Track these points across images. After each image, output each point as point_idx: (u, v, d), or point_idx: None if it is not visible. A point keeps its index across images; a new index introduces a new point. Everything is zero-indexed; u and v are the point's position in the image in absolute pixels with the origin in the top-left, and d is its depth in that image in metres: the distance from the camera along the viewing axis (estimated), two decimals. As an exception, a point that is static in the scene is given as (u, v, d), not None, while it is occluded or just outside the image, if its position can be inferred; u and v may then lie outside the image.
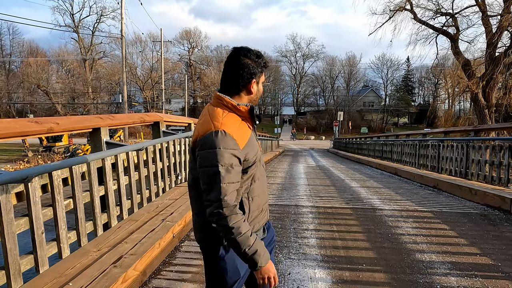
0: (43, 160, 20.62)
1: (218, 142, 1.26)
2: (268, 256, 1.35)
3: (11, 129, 2.25)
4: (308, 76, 67.33)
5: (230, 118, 1.34)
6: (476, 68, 16.80)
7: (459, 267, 2.82)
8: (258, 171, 1.43)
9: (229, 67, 1.38)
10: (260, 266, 1.32)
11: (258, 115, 1.48)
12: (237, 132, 1.31)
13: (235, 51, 1.39)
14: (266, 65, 1.44)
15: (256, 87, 1.42)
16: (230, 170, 1.27)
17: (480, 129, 7.43)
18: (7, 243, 2.03)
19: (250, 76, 1.38)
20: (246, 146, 1.33)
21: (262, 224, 1.49)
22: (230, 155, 1.27)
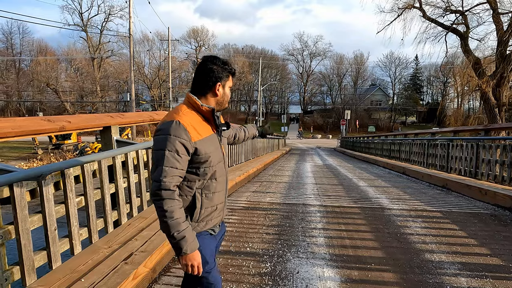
0: (56, 158, 20.90)
1: (171, 130, 1.40)
2: (196, 246, 1.45)
3: (25, 128, 2.29)
4: (315, 75, 67.06)
5: (190, 114, 1.48)
6: (486, 66, 16.55)
7: (469, 267, 2.80)
8: (218, 173, 1.56)
9: (198, 72, 1.55)
10: (185, 253, 1.42)
11: (227, 122, 1.67)
12: (193, 127, 1.44)
13: (203, 58, 1.57)
14: (231, 71, 1.58)
15: (222, 90, 1.55)
16: (175, 156, 1.39)
17: (491, 128, 7.32)
18: (22, 239, 2.08)
19: (215, 80, 1.53)
20: (199, 142, 1.45)
21: (217, 222, 1.63)
22: (179, 143, 1.39)
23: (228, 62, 1.57)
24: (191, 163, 1.46)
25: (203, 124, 1.50)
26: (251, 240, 3.40)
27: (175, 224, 1.38)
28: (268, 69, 63.34)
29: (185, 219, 1.43)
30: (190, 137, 1.41)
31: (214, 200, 1.56)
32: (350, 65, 63.55)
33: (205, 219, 1.55)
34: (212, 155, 1.50)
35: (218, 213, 1.61)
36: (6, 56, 53.03)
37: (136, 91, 40.51)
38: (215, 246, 1.66)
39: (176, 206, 1.40)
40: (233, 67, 1.59)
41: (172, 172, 1.40)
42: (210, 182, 1.53)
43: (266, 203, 5.06)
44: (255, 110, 56.33)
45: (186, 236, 1.40)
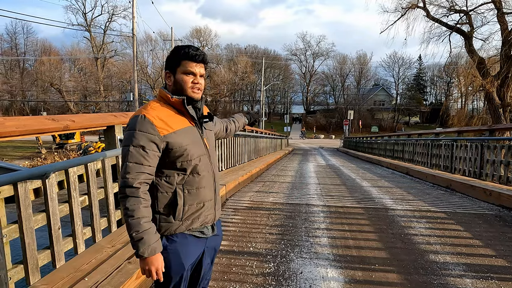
0: (60, 157, 20.99)
1: (136, 125, 1.35)
2: (156, 250, 1.34)
3: (29, 126, 2.29)
4: (318, 75, 66.96)
5: (159, 108, 1.42)
6: (490, 66, 16.45)
7: (474, 268, 2.78)
8: (201, 167, 1.46)
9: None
10: (141, 255, 1.32)
11: (209, 114, 1.56)
12: (161, 120, 1.37)
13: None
14: (180, 56, 1.44)
15: (173, 78, 1.46)
16: (140, 151, 1.33)
17: (495, 129, 7.27)
18: (26, 238, 2.08)
19: (166, 69, 1.49)
20: (171, 135, 1.37)
21: (206, 221, 1.50)
22: (144, 138, 1.34)
23: (183, 46, 1.46)
24: (166, 158, 1.39)
25: (176, 117, 1.43)
26: (254, 240, 3.39)
27: (135, 223, 1.32)
28: (271, 69, 63.32)
29: (148, 220, 1.34)
30: (157, 131, 1.35)
31: (199, 196, 1.46)
32: (353, 65, 63.43)
33: (190, 217, 1.45)
34: (189, 148, 1.41)
35: (207, 211, 1.49)
36: (10, 56, 53.37)
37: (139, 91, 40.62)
38: (199, 252, 1.52)
39: (139, 205, 1.32)
40: (188, 50, 1.44)
41: (137, 169, 1.33)
42: (192, 177, 1.43)
43: (269, 203, 5.05)
44: (258, 110, 56.32)
45: (144, 238, 1.31)
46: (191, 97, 1.45)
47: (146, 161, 1.34)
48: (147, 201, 1.36)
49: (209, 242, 1.55)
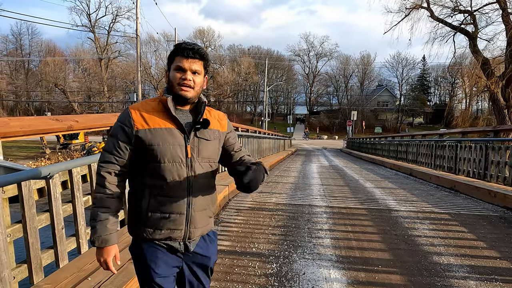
0: (63, 157, 21.11)
1: (119, 116, 1.37)
2: (107, 241, 1.31)
3: (33, 127, 2.31)
4: (322, 75, 66.89)
5: (148, 104, 1.38)
6: (495, 67, 16.33)
7: (478, 270, 2.76)
8: (168, 174, 1.31)
9: None
10: (93, 244, 1.33)
11: (205, 120, 1.35)
12: (142, 115, 1.33)
13: None
14: (174, 52, 1.36)
15: (169, 75, 1.38)
16: (113, 141, 1.33)
17: (500, 130, 7.23)
18: (29, 237, 2.09)
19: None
20: (144, 131, 1.30)
21: (172, 236, 1.34)
22: (120, 128, 1.33)
23: (178, 43, 1.39)
24: (138, 155, 1.33)
25: (159, 115, 1.34)
26: (257, 241, 3.39)
27: (94, 212, 1.32)
28: (274, 69, 63.33)
29: (107, 211, 1.31)
30: (133, 124, 1.31)
31: (164, 206, 1.32)
32: (356, 65, 63.30)
33: (152, 226, 1.33)
34: (159, 150, 1.30)
35: (172, 225, 1.33)
36: (15, 56, 53.76)
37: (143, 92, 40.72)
38: (174, 266, 1.39)
39: (102, 195, 1.31)
40: (180, 45, 1.36)
41: (106, 157, 1.33)
42: (157, 181, 1.32)
43: (272, 203, 5.04)
44: (261, 111, 56.32)
45: (96, 228, 1.30)
46: (179, 95, 1.35)
47: (116, 151, 1.32)
48: (113, 192, 1.32)
49: (192, 259, 1.42)
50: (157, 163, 1.31)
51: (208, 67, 1.42)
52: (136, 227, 1.37)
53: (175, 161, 1.32)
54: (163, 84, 51.04)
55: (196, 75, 1.36)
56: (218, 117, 1.48)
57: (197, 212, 1.38)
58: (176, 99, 1.36)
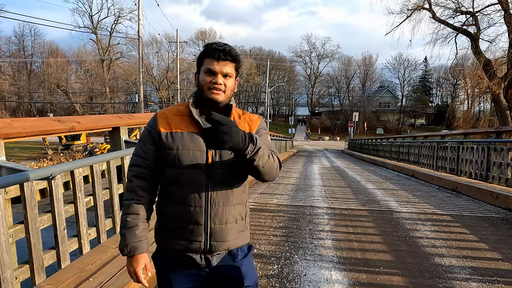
0: (65, 158, 21.16)
1: (148, 121, 1.35)
2: (135, 249, 1.25)
3: (36, 128, 2.32)
4: (323, 76, 66.84)
5: (176, 107, 1.35)
6: (497, 68, 16.29)
7: (480, 272, 2.75)
8: (185, 180, 1.24)
9: None
10: (121, 252, 1.28)
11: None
12: (167, 118, 1.30)
13: None
14: (203, 53, 1.30)
15: (199, 78, 1.31)
16: (141, 144, 1.31)
17: (502, 131, 7.20)
18: (32, 238, 2.10)
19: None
20: (165, 134, 1.26)
21: (190, 247, 1.25)
22: (147, 131, 1.31)
23: (208, 44, 1.31)
24: (161, 158, 1.28)
25: (183, 119, 1.29)
26: (258, 242, 3.39)
27: (122, 218, 1.28)
28: (275, 70, 63.34)
29: (135, 217, 1.26)
30: (157, 126, 1.28)
31: (181, 215, 1.25)
32: (358, 67, 63.23)
33: (171, 235, 1.28)
34: (177, 155, 1.23)
35: (190, 236, 1.24)
36: (18, 58, 53.98)
37: (145, 93, 40.86)
38: (194, 280, 1.29)
39: (131, 201, 1.27)
40: (210, 46, 1.29)
41: (134, 160, 1.31)
42: (174, 188, 1.26)
43: (274, 204, 5.04)
44: (263, 112, 56.33)
45: (125, 235, 1.25)
46: (209, 99, 1.27)
47: (143, 153, 1.29)
48: (141, 197, 1.28)
49: (217, 276, 1.30)
50: (175, 169, 1.24)
51: (239, 69, 1.34)
52: (158, 235, 1.33)
53: (194, 167, 1.24)
54: (165, 85, 51.26)
55: (227, 78, 1.28)
56: (249, 119, 1.37)
57: (219, 225, 1.27)
58: (206, 103, 1.28)
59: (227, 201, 1.28)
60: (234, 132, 1.08)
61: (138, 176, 1.29)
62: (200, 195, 1.24)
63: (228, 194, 1.28)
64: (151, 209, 1.33)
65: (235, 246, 1.32)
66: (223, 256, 1.30)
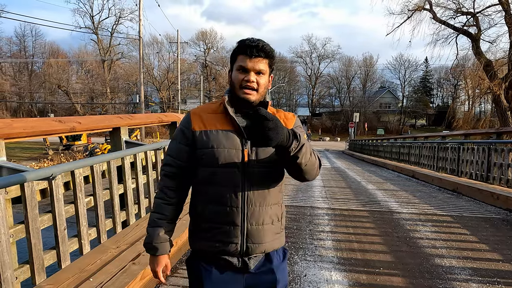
0: (66, 159, 21.18)
1: (181, 119, 1.32)
2: (156, 250, 1.25)
3: (36, 128, 2.32)
4: (324, 77, 66.78)
5: (208, 106, 1.32)
6: (498, 69, 16.29)
7: (481, 273, 2.75)
8: (223, 180, 1.20)
9: None
10: (145, 249, 1.29)
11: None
12: (200, 116, 1.26)
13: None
14: (236, 50, 1.25)
15: (231, 75, 1.27)
16: (173, 143, 1.30)
17: (503, 132, 7.20)
18: (32, 238, 2.10)
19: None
20: (200, 132, 1.23)
21: (226, 249, 1.21)
22: (180, 131, 1.29)
23: (242, 40, 1.26)
24: (193, 157, 1.26)
25: (217, 117, 1.25)
26: (258, 242, 3.39)
27: (150, 216, 1.29)
28: (276, 71, 63.21)
29: (162, 217, 1.26)
30: (191, 125, 1.25)
31: (216, 216, 1.22)
32: (359, 67, 63.19)
33: (205, 237, 1.25)
34: (212, 153, 1.20)
35: (226, 237, 1.21)
36: (19, 58, 54.09)
37: (145, 93, 40.96)
38: (231, 284, 1.25)
39: (159, 200, 1.28)
40: (242, 42, 1.24)
41: (166, 160, 1.30)
42: (209, 188, 1.23)
43: (274, 205, 5.03)
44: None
45: (149, 234, 1.26)
46: (241, 99, 1.23)
47: (175, 153, 1.28)
48: (170, 197, 1.27)
49: (254, 280, 1.27)
50: (210, 168, 1.21)
51: (273, 65, 1.30)
52: (192, 237, 1.30)
53: (229, 166, 1.20)
54: (166, 85, 51.31)
55: (260, 75, 1.24)
56: (284, 117, 1.35)
57: (256, 226, 1.22)
58: (238, 102, 1.25)
59: (264, 201, 1.24)
60: (280, 128, 1.04)
61: (169, 175, 1.28)
62: (236, 195, 1.20)
63: (265, 193, 1.24)
64: (180, 209, 1.32)
65: (271, 249, 1.27)
66: (260, 259, 1.27)
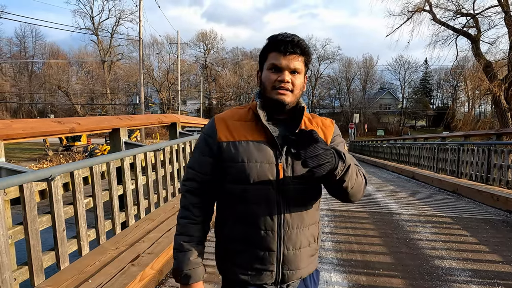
0: (65, 159, 21.18)
1: (204, 127, 1.17)
2: (189, 277, 1.09)
3: (36, 129, 2.32)
4: (324, 78, 66.81)
5: (236, 111, 1.17)
6: (498, 70, 16.30)
7: (481, 274, 2.74)
8: (254, 198, 1.06)
9: None
10: (175, 278, 1.13)
11: (303, 132, 0.95)
12: (226, 124, 1.11)
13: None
14: (267, 47, 1.11)
15: (261, 76, 1.14)
16: (196, 155, 1.15)
17: (503, 133, 7.20)
18: (31, 239, 2.10)
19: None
20: (227, 143, 1.08)
21: (260, 278, 1.09)
22: (203, 140, 1.14)
23: (272, 35, 1.11)
24: (220, 171, 1.11)
25: (248, 125, 1.11)
26: (258, 244, 3.38)
27: (176, 239, 1.13)
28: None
29: (189, 239, 1.11)
30: (216, 134, 1.10)
31: (249, 240, 1.08)
32: (359, 68, 63.25)
33: (236, 263, 1.11)
34: (242, 168, 1.05)
35: (260, 264, 1.08)
36: (19, 59, 54.13)
37: (145, 94, 40.98)
38: None
39: (183, 220, 1.12)
40: (275, 38, 1.09)
41: (188, 174, 1.15)
42: (239, 208, 1.09)
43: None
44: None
45: (178, 259, 1.10)
46: (274, 100, 1.08)
47: (198, 166, 1.13)
48: (196, 216, 1.12)
49: None
50: (240, 185, 1.07)
51: (309, 63, 1.15)
52: (221, 263, 1.18)
53: (263, 183, 1.06)
54: (166, 86, 51.35)
55: (295, 75, 1.09)
56: (322, 125, 1.20)
57: (293, 250, 1.09)
58: (270, 106, 1.10)
59: (301, 223, 1.10)
60: (329, 151, 0.92)
61: (192, 191, 1.13)
62: (272, 216, 1.06)
63: (303, 214, 1.11)
64: (208, 228, 1.18)
65: (307, 274, 1.15)
66: (296, 286, 1.15)
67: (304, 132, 0.94)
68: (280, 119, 1.12)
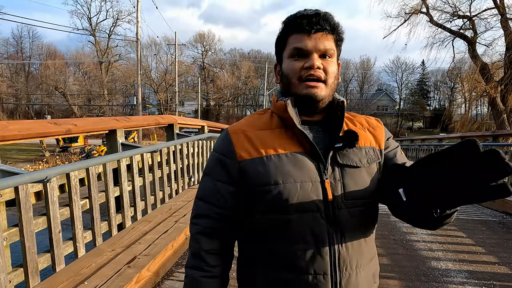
0: (61, 161, 21.10)
1: (216, 142, 0.90)
2: None
3: (32, 130, 2.31)
4: (321, 80, 67.05)
5: (255, 118, 0.89)
6: (494, 72, 16.41)
7: (477, 276, 2.75)
8: (298, 228, 0.78)
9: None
10: None
11: (351, 132, 0.81)
12: (246, 136, 0.84)
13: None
14: (285, 29, 0.85)
15: (282, 69, 0.88)
16: (208, 182, 0.86)
17: (499, 135, 7.24)
18: (26, 241, 2.08)
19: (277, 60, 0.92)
20: (252, 161, 0.81)
21: None
22: (217, 162, 0.85)
23: (293, 14, 0.85)
24: (244, 199, 0.83)
25: (275, 134, 0.83)
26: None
27: None
28: (273, 73, 63.46)
29: None
30: (234, 152, 0.82)
31: (275, 284, 0.82)
32: (356, 70, 63.51)
33: None
34: (277, 191, 0.78)
35: None
36: (16, 60, 53.93)
37: (143, 95, 40.90)
38: None
39: (196, 272, 0.85)
40: (295, 16, 0.83)
41: (201, 209, 0.86)
42: (275, 245, 0.81)
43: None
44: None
45: None
46: (303, 97, 0.82)
47: (214, 198, 0.85)
48: (211, 267, 0.85)
49: None
50: (275, 214, 0.79)
51: (341, 45, 0.87)
52: None
53: (307, 210, 0.78)
54: (163, 87, 51.34)
55: (327, 59, 0.82)
56: (368, 125, 0.92)
57: None
58: (298, 105, 0.84)
59: (361, 258, 0.84)
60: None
61: (207, 233, 0.85)
62: (322, 254, 0.78)
63: (362, 246, 0.84)
64: (227, 281, 0.91)
65: None
66: None
67: (352, 132, 0.75)
68: (310, 122, 0.85)
